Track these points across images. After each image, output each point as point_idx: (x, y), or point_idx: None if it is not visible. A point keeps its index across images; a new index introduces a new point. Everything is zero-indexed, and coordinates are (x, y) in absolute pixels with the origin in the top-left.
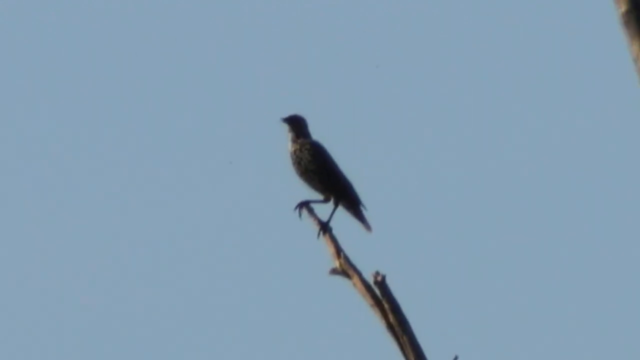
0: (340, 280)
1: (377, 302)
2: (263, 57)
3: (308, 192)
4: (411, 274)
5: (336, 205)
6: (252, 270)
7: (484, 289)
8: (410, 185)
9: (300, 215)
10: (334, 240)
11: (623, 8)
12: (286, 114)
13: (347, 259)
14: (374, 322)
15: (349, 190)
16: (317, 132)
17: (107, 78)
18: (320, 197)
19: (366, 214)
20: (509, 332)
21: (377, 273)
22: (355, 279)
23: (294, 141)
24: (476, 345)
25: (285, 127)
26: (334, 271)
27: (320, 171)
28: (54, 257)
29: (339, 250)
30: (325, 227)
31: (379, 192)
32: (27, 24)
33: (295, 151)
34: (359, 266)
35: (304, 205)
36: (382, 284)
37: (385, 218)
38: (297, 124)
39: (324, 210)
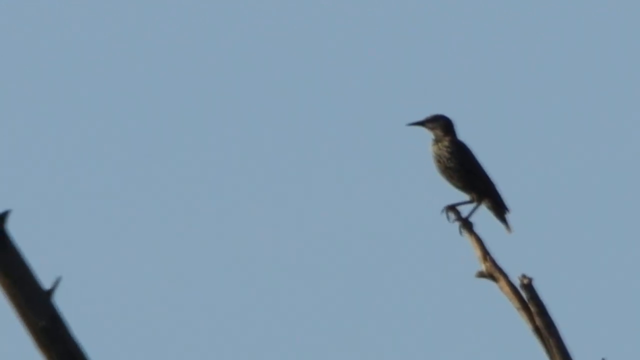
0: (487, 283)
1: (524, 305)
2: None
3: (453, 193)
4: (558, 276)
5: (479, 203)
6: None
7: (633, 290)
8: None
9: (448, 217)
10: (480, 243)
11: None
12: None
13: (494, 261)
14: (521, 325)
15: (492, 188)
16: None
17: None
18: (465, 197)
19: (510, 215)
20: None
21: (524, 276)
22: (502, 282)
23: (435, 141)
24: (625, 348)
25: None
26: (480, 274)
27: (459, 169)
28: None
29: (485, 254)
30: (466, 223)
31: (524, 193)
32: (27, 24)
33: (435, 150)
34: (506, 269)
35: (451, 208)
36: (529, 286)
37: (530, 219)
38: (437, 124)
39: (469, 210)
